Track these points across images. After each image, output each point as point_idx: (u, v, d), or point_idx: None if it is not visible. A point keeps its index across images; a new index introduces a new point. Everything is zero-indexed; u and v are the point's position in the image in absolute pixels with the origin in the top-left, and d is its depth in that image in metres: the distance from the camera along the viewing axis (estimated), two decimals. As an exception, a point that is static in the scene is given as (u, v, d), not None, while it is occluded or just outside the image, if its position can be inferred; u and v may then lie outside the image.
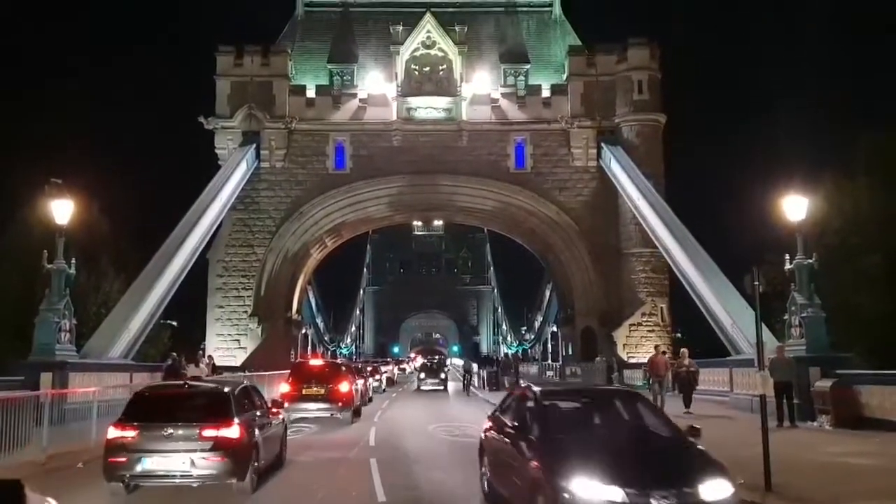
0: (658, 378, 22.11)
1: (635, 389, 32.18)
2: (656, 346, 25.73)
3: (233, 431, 10.39)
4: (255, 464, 11.03)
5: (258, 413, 11.98)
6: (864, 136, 31.06)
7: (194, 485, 10.33)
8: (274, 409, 13.31)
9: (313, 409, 20.71)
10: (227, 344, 40.02)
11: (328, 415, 20.92)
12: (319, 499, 10.94)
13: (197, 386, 11.87)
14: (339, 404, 21.01)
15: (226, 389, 11.30)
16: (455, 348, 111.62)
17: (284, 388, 21.47)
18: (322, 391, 21.01)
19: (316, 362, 26.32)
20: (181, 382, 12.24)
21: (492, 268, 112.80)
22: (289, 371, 23.44)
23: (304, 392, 20.83)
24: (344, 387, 21.42)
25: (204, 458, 10.08)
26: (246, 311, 40.62)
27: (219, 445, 10.18)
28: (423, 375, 41.17)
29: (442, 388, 38.98)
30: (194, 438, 10.14)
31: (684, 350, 22.83)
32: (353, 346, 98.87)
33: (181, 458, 10.05)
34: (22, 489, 4.01)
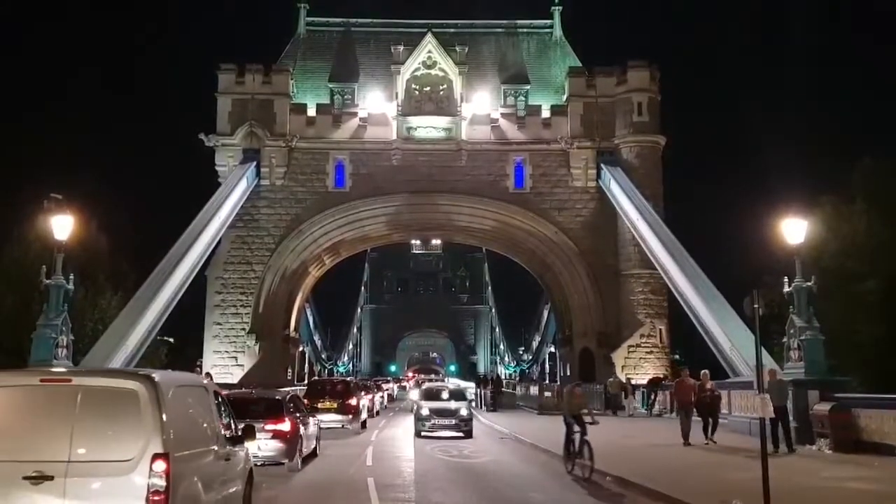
0: (685, 405, 20.10)
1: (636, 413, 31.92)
2: (682, 370, 22.42)
3: (285, 426, 14.64)
4: (301, 450, 15.37)
5: (300, 415, 16.07)
6: (863, 161, 31.26)
7: (258, 463, 13.02)
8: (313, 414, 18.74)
9: (326, 420, 22.60)
10: (225, 361, 39.86)
11: (339, 426, 23.85)
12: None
13: (261, 394, 17.42)
14: (350, 416, 24.44)
15: (278, 397, 16.14)
16: (452, 367, 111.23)
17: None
18: (335, 405, 24.29)
19: (330, 379, 33.64)
20: (249, 391, 17.92)
21: (490, 287, 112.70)
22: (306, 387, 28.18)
23: (318, 405, 23.41)
24: (353, 401, 24.90)
25: (266, 443, 13.85)
26: (244, 329, 40.50)
27: (276, 435, 14.38)
28: (427, 410, 23.49)
29: (461, 433, 23.07)
30: (259, 430, 12.73)
31: (705, 372, 20.89)
32: (350, 365, 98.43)
33: (251, 444, 13.40)
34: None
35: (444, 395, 25.10)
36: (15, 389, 6.96)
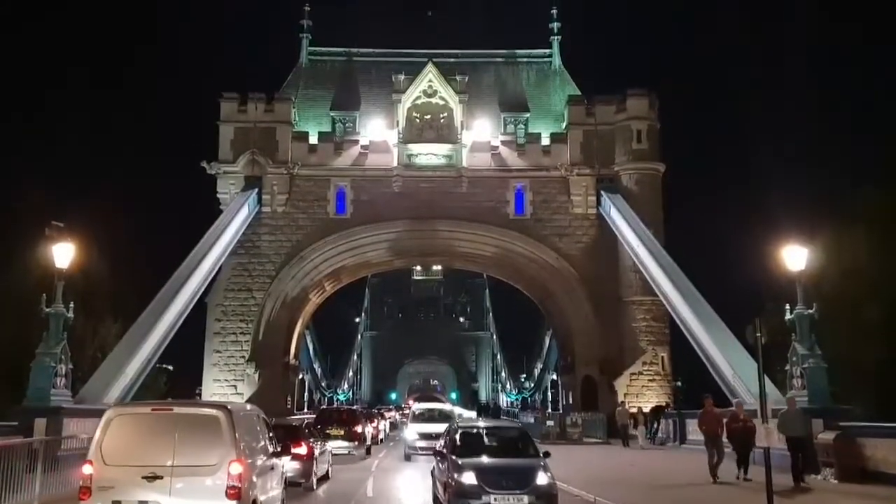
0: (713, 437, 18.28)
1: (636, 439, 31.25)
2: (707, 398, 19.85)
3: (302, 449, 16.33)
4: (315, 472, 17.23)
5: (314, 440, 17.95)
6: (863, 187, 31.33)
7: None
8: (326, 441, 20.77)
9: (335, 446, 23.81)
10: (224, 389, 39.61)
11: (346, 451, 25.50)
12: None
13: (280, 421, 19.12)
14: (356, 443, 26.42)
15: (296, 424, 18.74)
16: (453, 395, 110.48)
17: None
18: (342, 432, 26.07)
19: (338, 408, 36.93)
20: (270, 419, 19.75)
21: (491, 314, 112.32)
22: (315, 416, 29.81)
23: (327, 432, 24.59)
24: (359, 429, 26.92)
25: (286, 464, 14.21)
26: (243, 356, 40.30)
27: (295, 457, 15.57)
28: (472, 476, 12.34)
29: None
30: (277, 454, 14.31)
31: (738, 401, 19.70)
32: (350, 393, 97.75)
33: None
34: None
35: (495, 441, 14.29)
36: (135, 416, 9.85)
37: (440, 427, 20.23)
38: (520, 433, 14.97)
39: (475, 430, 14.87)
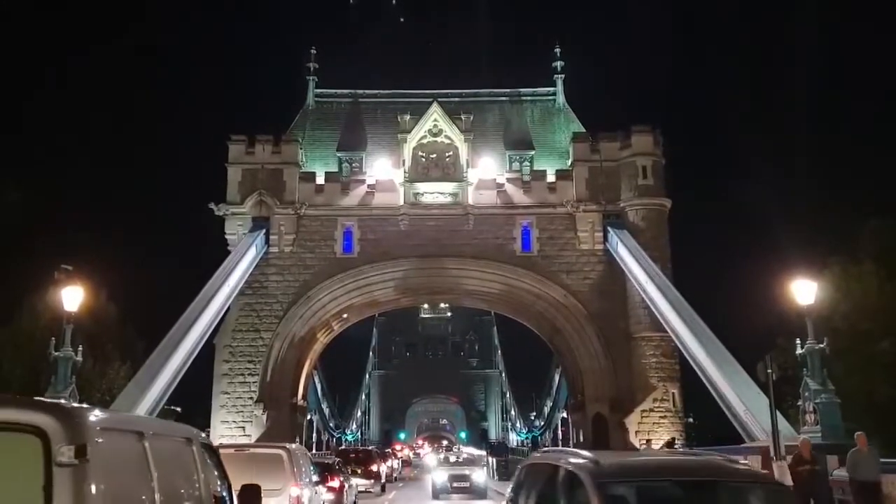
0: None
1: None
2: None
3: (336, 483, 18.98)
4: (345, 502, 19.80)
5: (342, 476, 20.63)
6: (872, 221, 31.34)
7: None
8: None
9: (352, 484, 25.62)
10: (232, 431, 39.35)
11: (363, 489, 27.15)
12: None
13: (318, 459, 21.05)
14: (372, 481, 28.98)
15: (328, 461, 21.58)
16: (463, 435, 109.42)
17: None
18: (359, 470, 28.25)
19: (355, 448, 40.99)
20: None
21: (499, 351, 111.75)
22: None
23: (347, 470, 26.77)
24: (375, 467, 30.07)
25: (322, 496, 16.76)
26: (251, 397, 40.11)
27: (330, 489, 18.18)
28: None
29: None
30: (317, 483, 16.45)
31: (805, 439, 16.70)
32: (359, 433, 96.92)
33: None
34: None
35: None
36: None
37: None
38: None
39: None
